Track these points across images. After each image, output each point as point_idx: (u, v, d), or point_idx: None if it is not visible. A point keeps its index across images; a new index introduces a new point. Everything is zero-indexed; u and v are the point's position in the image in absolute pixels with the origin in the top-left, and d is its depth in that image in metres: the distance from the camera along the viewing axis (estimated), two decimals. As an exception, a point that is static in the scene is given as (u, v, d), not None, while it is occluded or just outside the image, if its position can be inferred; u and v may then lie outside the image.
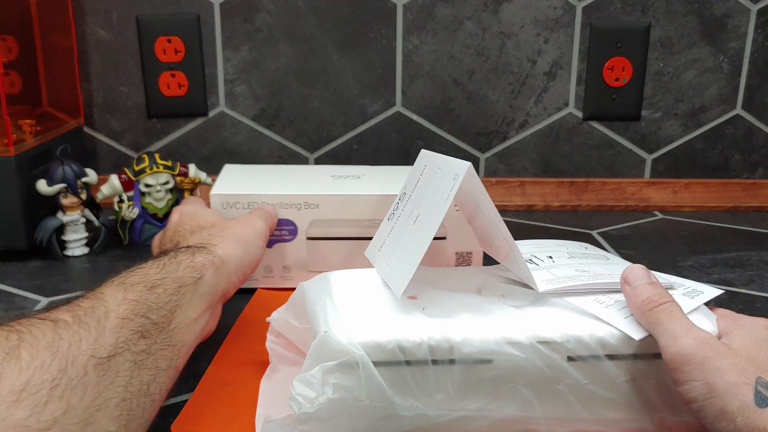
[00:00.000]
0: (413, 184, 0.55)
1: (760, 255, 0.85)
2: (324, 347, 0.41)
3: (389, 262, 0.51)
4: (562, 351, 0.43)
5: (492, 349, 0.42)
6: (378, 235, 0.57)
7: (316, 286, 0.49)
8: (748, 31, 1.00)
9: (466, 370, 0.42)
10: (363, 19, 0.98)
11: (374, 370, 0.40)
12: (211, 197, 0.68)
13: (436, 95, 1.01)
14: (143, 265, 0.47)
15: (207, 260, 0.50)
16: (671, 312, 0.42)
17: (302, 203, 0.68)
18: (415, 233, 0.49)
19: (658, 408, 0.44)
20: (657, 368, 0.44)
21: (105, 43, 0.98)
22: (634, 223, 0.98)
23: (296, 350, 0.53)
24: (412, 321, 0.43)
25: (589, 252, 0.59)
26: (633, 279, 0.46)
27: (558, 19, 0.99)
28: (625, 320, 0.44)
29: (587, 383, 0.43)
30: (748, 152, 1.06)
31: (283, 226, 0.68)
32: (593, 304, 0.46)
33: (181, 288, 0.47)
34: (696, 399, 0.39)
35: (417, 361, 0.41)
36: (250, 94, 1.01)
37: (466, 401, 0.42)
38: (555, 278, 0.49)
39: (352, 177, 0.74)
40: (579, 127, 1.04)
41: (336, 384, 0.40)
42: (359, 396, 0.40)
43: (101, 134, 1.01)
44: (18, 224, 0.78)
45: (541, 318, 0.45)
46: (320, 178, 0.74)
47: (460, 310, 0.45)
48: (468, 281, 0.51)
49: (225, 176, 0.74)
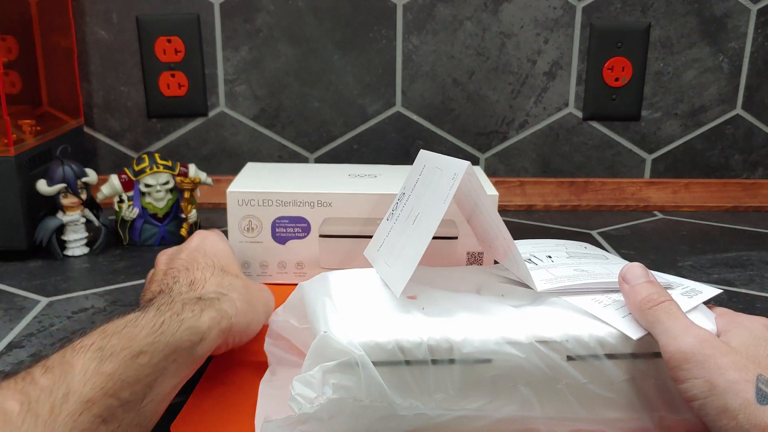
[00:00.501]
0: (412, 185, 0.55)
1: (760, 255, 0.85)
2: (324, 347, 0.41)
3: (388, 261, 0.51)
4: (562, 351, 0.43)
5: (492, 349, 0.42)
6: (377, 235, 0.57)
7: (315, 286, 0.49)
8: (748, 31, 1.00)
9: (465, 369, 0.42)
10: (363, 19, 0.98)
11: (374, 370, 0.40)
12: (228, 194, 0.69)
13: (436, 95, 1.01)
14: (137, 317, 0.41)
15: (214, 320, 0.45)
16: (670, 310, 0.43)
17: (315, 201, 0.69)
18: (414, 233, 0.49)
19: (657, 407, 0.45)
20: (656, 367, 0.44)
21: (105, 43, 0.98)
22: (634, 223, 0.98)
23: (296, 352, 0.53)
24: (412, 321, 0.43)
25: (588, 252, 0.59)
26: (631, 277, 0.46)
27: (558, 19, 0.99)
28: (623, 319, 0.45)
29: (586, 383, 0.43)
30: (748, 152, 1.06)
31: (296, 223, 0.70)
32: (591, 303, 0.46)
33: (174, 353, 0.41)
34: (697, 397, 0.39)
35: (417, 361, 0.41)
36: (250, 94, 1.01)
37: (465, 401, 0.42)
38: (553, 278, 0.49)
39: (369, 176, 0.76)
40: (579, 127, 1.04)
41: (336, 384, 0.40)
42: (359, 396, 0.40)
43: (101, 134, 1.01)
44: (18, 224, 0.78)
45: (541, 318, 0.45)
46: (337, 177, 0.75)
47: (460, 310, 0.45)
48: (467, 281, 0.51)
49: (244, 174, 0.76)
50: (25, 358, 0.58)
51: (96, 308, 0.68)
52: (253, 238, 0.70)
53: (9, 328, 0.63)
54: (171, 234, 0.86)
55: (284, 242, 0.70)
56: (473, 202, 0.51)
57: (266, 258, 0.71)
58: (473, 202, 0.51)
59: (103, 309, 0.68)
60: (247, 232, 0.70)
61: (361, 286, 0.49)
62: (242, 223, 0.70)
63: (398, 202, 0.56)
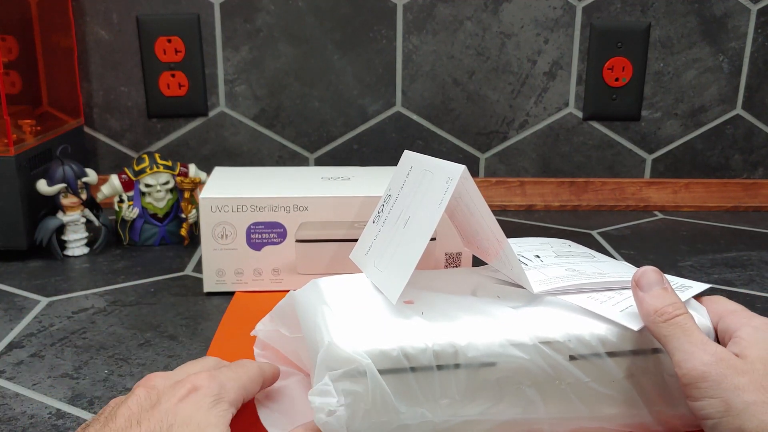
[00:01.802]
0: (399, 186, 0.54)
1: (760, 255, 0.85)
2: (330, 358, 0.40)
3: (379, 266, 0.50)
4: (564, 350, 0.43)
5: (496, 352, 0.42)
6: (363, 237, 0.56)
7: (308, 295, 0.48)
8: (748, 31, 1.00)
9: (470, 373, 0.42)
10: (363, 19, 0.98)
11: (380, 379, 0.40)
12: (200, 201, 0.68)
13: (436, 95, 1.01)
14: None
15: None
16: (685, 326, 0.41)
17: (291, 206, 0.68)
18: (406, 237, 0.49)
19: (655, 402, 0.45)
20: (655, 363, 0.44)
21: (105, 43, 0.98)
22: (634, 223, 0.98)
23: (286, 361, 0.52)
24: (414, 327, 0.43)
25: (573, 250, 0.59)
26: (645, 283, 0.44)
27: (558, 19, 0.99)
28: (621, 314, 0.45)
29: (588, 381, 0.43)
30: (748, 152, 1.06)
31: (272, 228, 0.69)
32: (588, 301, 0.47)
33: None
34: (712, 416, 0.39)
35: (422, 368, 0.41)
36: (250, 94, 1.01)
37: (471, 405, 0.42)
38: (547, 278, 0.49)
39: (342, 178, 0.74)
40: (579, 127, 1.04)
41: (345, 390, 0.39)
42: (367, 404, 0.40)
43: (101, 134, 1.01)
44: (18, 224, 0.78)
45: (542, 318, 0.45)
46: (310, 180, 0.73)
47: (460, 314, 0.45)
48: (461, 283, 0.51)
49: (215, 179, 0.74)
50: (25, 358, 0.58)
51: (96, 308, 0.68)
52: (227, 245, 0.69)
53: (9, 328, 0.63)
54: (171, 234, 0.86)
55: (260, 248, 0.69)
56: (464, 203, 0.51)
57: (241, 265, 0.69)
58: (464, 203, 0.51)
59: (103, 309, 0.68)
60: (221, 239, 0.68)
61: (355, 292, 0.48)
62: (216, 230, 0.68)
63: (384, 204, 0.55)
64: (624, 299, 0.47)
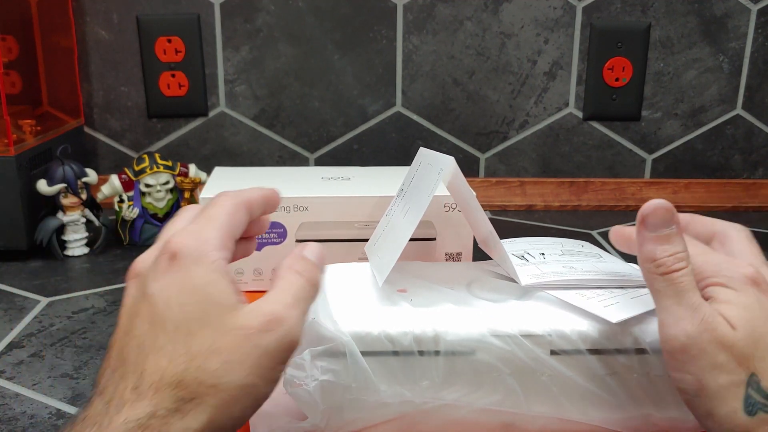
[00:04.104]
0: (409, 181, 0.56)
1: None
2: (311, 334, 0.42)
3: (379, 254, 0.52)
4: (545, 344, 0.43)
5: (476, 340, 0.43)
6: (376, 230, 0.58)
7: None
8: (748, 31, 1.00)
9: (450, 360, 0.43)
10: (363, 19, 0.98)
11: (360, 357, 0.41)
12: (201, 201, 0.68)
13: (436, 95, 1.01)
14: None
15: None
16: (679, 285, 0.37)
17: (291, 206, 0.68)
18: (401, 226, 0.51)
19: (643, 404, 0.44)
20: (640, 363, 0.44)
21: (105, 43, 0.98)
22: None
23: None
24: (399, 312, 0.45)
25: (584, 250, 0.59)
26: (652, 222, 0.38)
27: (558, 19, 0.99)
28: (605, 309, 0.44)
29: (571, 375, 0.43)
30: (748, 152, 1.06)
31: (272, 228, 0.69)
32: (575, 296, 0.47)
33: None
34: (686, 392, 0.38)
35: (403, 351, 0.43)
36: (250, 94, 1.01)
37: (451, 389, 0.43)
38: (540, 273, 0.50)
39: (342, 178, 0.74)
40: (579, 127, 1.04)
41: (324, 367, 0.41)
42: (347, 381, 0.42)
43: (101, 134, 1.01)
44: (18, 224, 0.78)
45: (525, 311, 0.45)
46: (310, 180, 0.73)
47: (446, 303, 0.46)
48: (458, 276, 0.52)
49: (215, 179, 0.74)
50: (25, 358, 0.58)
51: (96, 308, 0.68)
52: None
53: (9, 328, 0.64)
54: (171, 234, 0.85)
55: (260, 248, 0.69)
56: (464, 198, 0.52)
57: (241, 265, 0.69)
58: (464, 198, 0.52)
59: (103, 309, 0.68)
60: None
61: (354, 278, 0.51)
62: None
63: (397, 198, 0.57)
64: (612, 296, 0.47)
